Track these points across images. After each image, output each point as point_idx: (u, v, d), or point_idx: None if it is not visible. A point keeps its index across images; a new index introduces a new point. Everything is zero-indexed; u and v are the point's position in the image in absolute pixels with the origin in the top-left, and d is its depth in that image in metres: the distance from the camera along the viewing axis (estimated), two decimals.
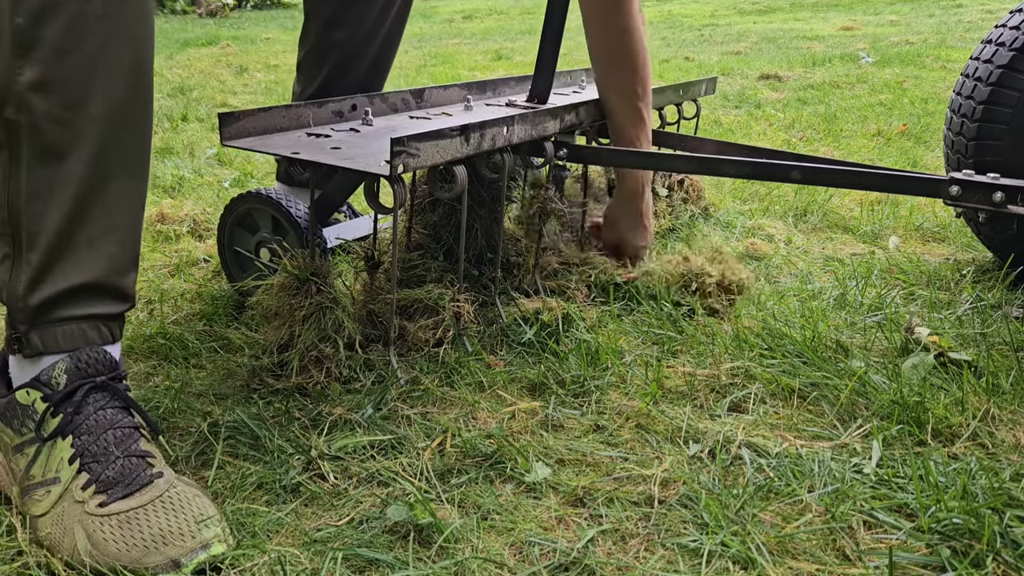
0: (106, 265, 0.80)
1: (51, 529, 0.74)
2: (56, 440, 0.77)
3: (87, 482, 0.75)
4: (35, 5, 0.72)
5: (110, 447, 0.76)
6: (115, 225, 0.80)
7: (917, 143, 2.55)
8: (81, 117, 0.76)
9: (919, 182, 1.10)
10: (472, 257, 1.28)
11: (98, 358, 0.80)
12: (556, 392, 1.02)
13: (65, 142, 0.75)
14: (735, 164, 1.21)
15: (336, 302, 1.04)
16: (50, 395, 0.77)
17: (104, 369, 0.80)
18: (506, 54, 5.68)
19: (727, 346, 1.14)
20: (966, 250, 1.60)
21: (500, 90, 1.65)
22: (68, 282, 0.78)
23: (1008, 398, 0.99)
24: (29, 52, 0.73)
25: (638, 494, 0.82)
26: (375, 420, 0.94)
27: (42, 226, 0.76)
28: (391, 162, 0.92)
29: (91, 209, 0.78)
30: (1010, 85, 1.31)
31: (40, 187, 0.76)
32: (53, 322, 0.79)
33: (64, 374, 0.78)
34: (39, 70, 0.73)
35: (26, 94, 0.73)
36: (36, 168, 0.75)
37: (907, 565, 0.71)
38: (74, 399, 0.77)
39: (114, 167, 0.79)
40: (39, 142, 0.75)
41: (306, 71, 1.43)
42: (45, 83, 0.74)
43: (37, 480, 0.77)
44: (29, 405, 0.78)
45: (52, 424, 0.77)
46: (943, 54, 4.60)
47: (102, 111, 0.77)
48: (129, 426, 0.79)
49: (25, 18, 0.72)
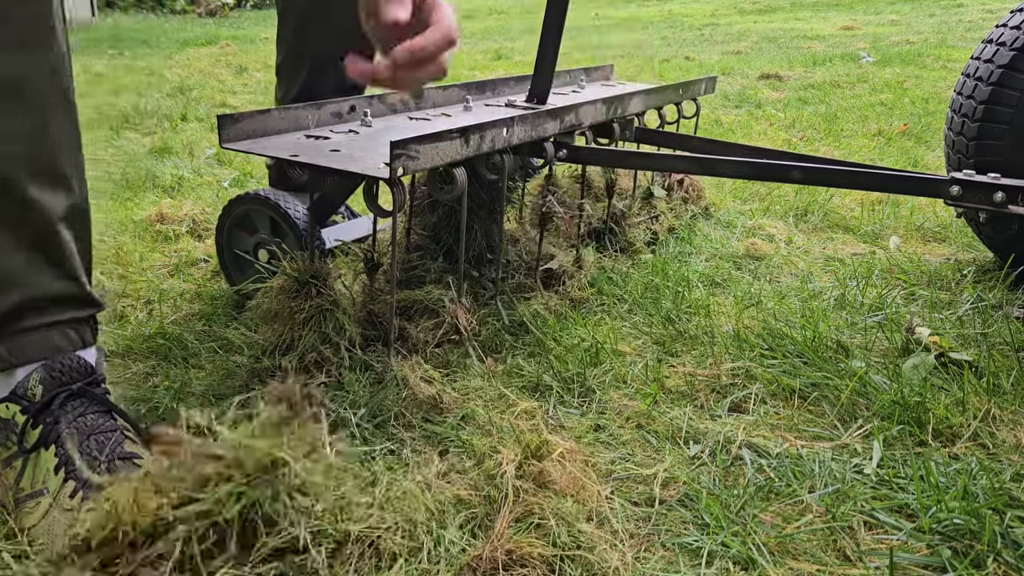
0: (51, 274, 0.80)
1: (44, 539, 0.74)
2: (39, 451, 0.77)
3: (74, 490, 0.75)
4: None
5: (94, 453, 0.76)
6: (20, 235, 0.79)
7: (918, 143, 2.55)
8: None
9: (920, 182, 1.10)
10: (472, 258, 1.28)
11: (72, 365, 0.80)
12: (556, 392, 1.02)
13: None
14: (735, 164, 1.20)
15: (336, 304, 1.04)
16: (28, 407, 0.77)
17: (79, 375, 0.80)
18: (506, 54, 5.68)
19: (727, 346, 1.14)
20: (967, 250, 1.60)
21: (500, 90, 1.64)
22: (29, 292, 0.78)
23: (1009, 398, 0.99)
24: None
25: (638, 494, 0.82)
26: (373, 423, 0.94)
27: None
28: (390, 165, 0.92)
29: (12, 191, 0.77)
30: (1011, 85, 1.31)
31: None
32: (19, 332, 0.78)
33: (39, 384, 0.78)
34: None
35: None
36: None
37: (908, 566, 0.71)
38: (52, 408, 0.77)
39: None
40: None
41: (286, 74, 1.40)
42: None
43: (27, 492, 0.77)
44: (9, 419, 0.78)
45: (33, 436, 0.77)
46: (944, 54, 4.60)
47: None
48: (111, 429, 0.79)
49: None
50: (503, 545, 0.70)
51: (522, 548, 0.70)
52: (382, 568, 0.69)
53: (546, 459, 0.82)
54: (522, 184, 1.50)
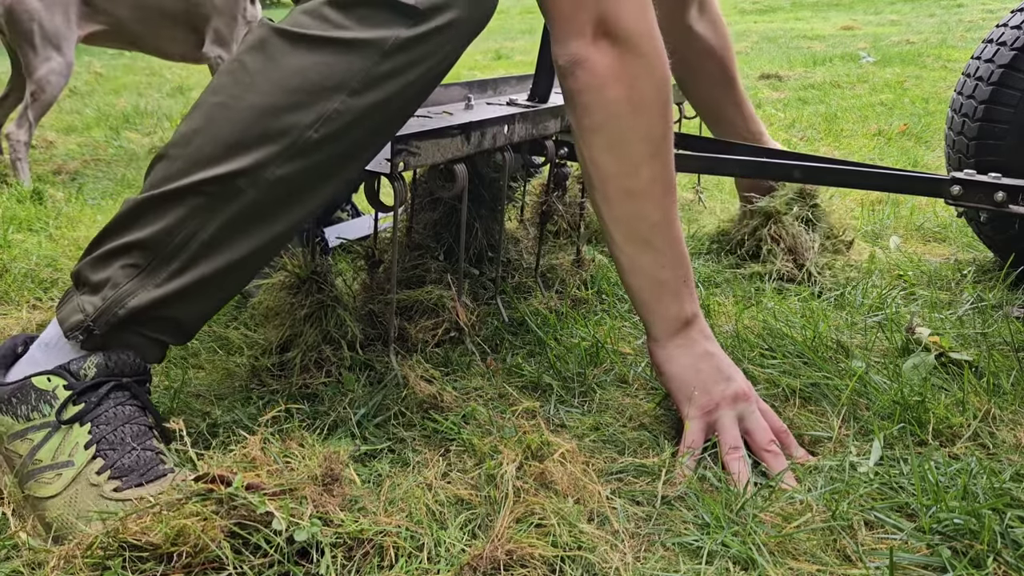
0: (208, 311, 0.87)
1: (62, 510, 0.75)
2: (73, 426, 0.78)
3: (102, 467, 0.76)
4: (333, 131, 0.79)
5: (127, 438, 0.79)
6: (241, 283, 0.86)
7: (918, 143, 2.55)
8: (292, 211, 0.82)
9: (920, 182, 1.10)
10: (472, 256, 1.28)
11: (128, 361, 0.82)
12: (557, 391, 1.02)
13: (268, 224, 0.82)
14: (736, 163, 1.20)
15: (338, 301, 1.04)
16: (74, 384, 0.79)
17: (131, 372, 0.82)
18: (506, 53, 5.68)
19: (728, 346, 1.14)
20: (967, 250, 1.60)
21: (501, 89, 1.64)
22: (174, 314, 0.82)
23: (1009, 398, 0.99)
24: (300, 158, 0.79)
25: (639, 493, 0.82)
26: (373, 422, 0.94)
27: (199, 267, 0.80)
28: (392, 160, 0.92)
29: (241, 270, 0.83)
30: (1011, 84, 1.31)
31: (223, 240, 0.80)
32: (129, 332, 0.81)
33: (94, 367, 0.80)
34: (294, 169, 0.80)
35: (275, 184, 0.80)
36: (231, 228, 0.80)
37: (908, 565, 0.71)
38: (98, 391, 0.79)
39: (278, 247, 0.85)
40: (251, 215, 0.80)
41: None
42: (293, 183, 0.80)
43: (45, 464, 0.78)
44: (49, 391, 0.79)
45: (72, 411, 0.78)
46: (944, 53, 4.60)
47: (305, 213, 0.84)
48: (145, 424, 0.81)
49: (319, 137, 0.79)
50: (503, 545, 0.70)
51: (523, 548, 0.70)
52: (383, 568, 0.69)
53: (547, 459, 0.82)
54: (523, 183, 1.50)
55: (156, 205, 0.79)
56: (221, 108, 0.80)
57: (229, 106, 0.79)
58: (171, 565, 0.65)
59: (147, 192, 0.80)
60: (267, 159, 0.78)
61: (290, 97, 0.78)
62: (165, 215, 0.79)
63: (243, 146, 0.78)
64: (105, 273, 0.80)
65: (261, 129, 0.78)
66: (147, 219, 0.80)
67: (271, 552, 0.66)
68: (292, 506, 0.68)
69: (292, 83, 0.78)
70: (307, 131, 0.78)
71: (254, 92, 0.79)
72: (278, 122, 0.78)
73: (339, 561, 0.68)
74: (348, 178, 0.86)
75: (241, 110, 0.79)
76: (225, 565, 0.65)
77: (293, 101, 0.78)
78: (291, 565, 0.66)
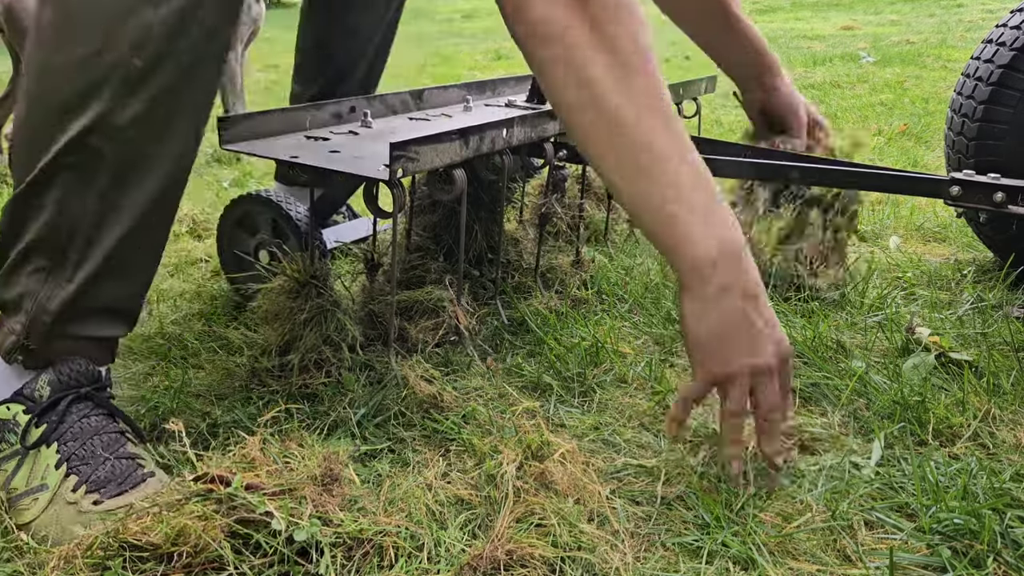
0: (136, 290, 0.84)
1: (45, 532, 0.74)
2: (40, 449, 0.77)
3: (77, 483, 0.75)
4: (153, 52, 0.74)
5: (97, 450, 0.78)
6: (154, 250, 0.84)
7: (918, 143, 2.55)
8: (161, 152, 0.78)
9: (920, 182, 1.10)
10: (472, 258, 1.28)
11: (80, 371, 0.81)
12: (557, 391, 1.02)
13: (140, 174, 0.78)
14: (735, 164, 1.20)
15: (337, 304, 1.04)
16: (32, 407, 0.78)
17: (87, 381, 0.81)
18: (506, 54, 5.68)
19: None
20: (967, 250, 1.60)
21: (500, 90, 1.64)
22: (100, 302, 0.80)
23: (1009, 398, 0.99)
24: (137, 91, 0.74)
25: (639, 493, 0.82)
26: (373, 422, 0.94)
27: (97, 246, 0.78)
28: (390, 166, 0.92)
29: (142, 235, 0.81)
30: (1011, 85, 1.31)
31: (106, 210, 0.78)
32: (65, 337, 0.80)
33: (47, 386, 0.79)
34: (139, 105, 0.75)
35: (125, 128, 0.75)
36: (108, 195, 0.77)
37: (908, 565, 0.71)
38: (58, 409, 0.78)
39: (170, 199, 0.82)
40: (119, 172, 0.77)
41: (302, 81, 1.45)
42: (145, 120, 0.76)
43: (21, 491, 0.77)
44: (10, 419, 0.79)
45: (36, 433, 0.78)
46: (944, 54, 4.60)
47: (177, 149, 0.80)
48: (115, 431, 0.80)
49: (144, 62, 0.74)
50: (503, 545, 0.70)
51: (523, 548, 0.70)
52: (383, 568, 0.69)
53: (547, 459, 0.82)
54: (522, 184, 1.50)
55: (30, 197, 0.77)
56: (41, 76, 0.77)
57: (47, 70, 0.76)
58: (171, 565, 0.65)
59: (17, 188, 0.78)
60: (106, 107, 0.74)
61: (96, 34, 0.73)
62: (42, 205, 0.77)
63: (77, 104, 0.74)
64: (18, 288, 0.79)
65: (86, 80, 0.74)
66: (30, 216, 0.78)
67: (271, 552, 0.66)
68: (292, 506, 0.69)
69: (92, 18, 0.73)
70: (130, 60, 0.73)
71: (61, 50, 0.75)
72: (98, 66, 0.74)
73: (339, 561, 0.68)
74: (198, 102, 0.80)
75: (58, 71, 0.75)
76: (225, 565, 0.65)
77: (101, 37, 0.73)
78: (291, 565, 0.67)
